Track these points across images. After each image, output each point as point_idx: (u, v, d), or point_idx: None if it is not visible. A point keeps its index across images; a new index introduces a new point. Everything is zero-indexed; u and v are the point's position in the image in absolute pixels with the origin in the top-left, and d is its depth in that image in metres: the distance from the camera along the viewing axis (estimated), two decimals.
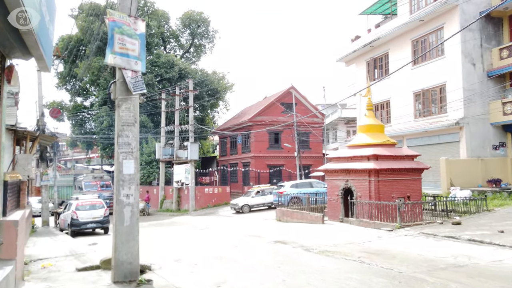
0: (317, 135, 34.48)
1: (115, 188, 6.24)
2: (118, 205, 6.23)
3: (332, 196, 16.68)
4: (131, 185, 6.30)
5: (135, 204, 6.32)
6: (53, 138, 19.51)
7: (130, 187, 6.28)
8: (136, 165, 6.35)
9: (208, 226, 17.83)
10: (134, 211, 6.33)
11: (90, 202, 17.27)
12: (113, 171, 39.79)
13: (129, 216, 6.26)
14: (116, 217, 6.23)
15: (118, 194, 6.24)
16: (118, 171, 6.26)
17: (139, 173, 6.42)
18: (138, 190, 6.40)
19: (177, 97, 31.17)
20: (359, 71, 29.29)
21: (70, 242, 13.08)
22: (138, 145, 6.40)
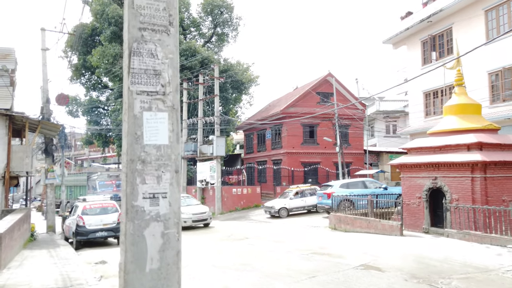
0: (358, 129, 30.46)
1: (125, 180, 2.55)
2: (132, 220, 2.56)
3: (410, 199, 12.76)
4: (162, 171, 2.63)
5: (172, 218, 2.64)
6: (57, 126, 16.20)
7: (160, 176, 2.62)
8: (174, 126, 2.67)
9: (247, 236, 14.15)
10: (170, 234, 2.65)
11: (100, 205, 13.81)
12: None
13: (158, 245, 2.60)
14: (126, 248, 2.55)
15: (133, 193, 2.58)
16: (132, 138, 2.58)
17: (180, 146, 2.70)
18: (178, 184, 2.71)
19: (200, 85, 27.69)
20: (412, 52, 25.17)
21: (70, 260, 9.57)
22: (177, 83, 2.72)
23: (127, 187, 2.53)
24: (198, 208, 18.39)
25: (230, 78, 35.21)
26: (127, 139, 2.56)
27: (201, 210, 18.29)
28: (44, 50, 18.33)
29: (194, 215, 17.62)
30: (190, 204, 18.69)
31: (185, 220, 16.86)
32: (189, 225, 17.18)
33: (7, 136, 14.30)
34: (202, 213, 18.00)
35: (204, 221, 18.00)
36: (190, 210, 17.72)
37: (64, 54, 39.26)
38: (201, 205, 20.12)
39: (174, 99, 2.72)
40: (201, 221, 17.86)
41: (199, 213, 17.84)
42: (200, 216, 17.81)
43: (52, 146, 18.34)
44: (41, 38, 18.19)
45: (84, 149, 61.44)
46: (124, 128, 2.63)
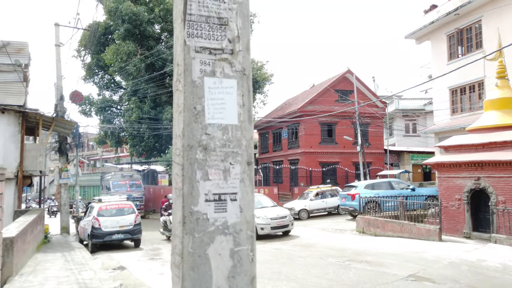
0: (378, 127, 29.40)
1: (180, 175, 1.74)
2: (191, 233, 1.75)
3: (449, 201, 11.79)
4: (230, 163, 1.82)
5: (244, 229, 1.82)
6: (72, 123, 15.61)
7: (227, 169, 1.81)
8: (245, 100, 1.86)
9: (269, 239, 13.32)
10: (243, 252, 1.84)
11: (117, 206, 13.13)
12: (144, 170, 36.33)
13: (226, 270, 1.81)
14: (183, 275, 1.74)
15: (192, 193, 1.79)
16: (189, 115, 1.82)
17: (252, 125, 1.90)
18: (252, 181, 1.89)
19: None
20: (437, 47, 24.11)
21: (86, 265, 8.88)
22: (248, 39, 1.90)
23: (184, 185, 1.74)
24: (276, 211, 14.21)
25: None
26: (183, 116, 1.78)
27: (280, 213, 14.18)
28: (58, 46, 17.80)
29: (273, 220, 13.58)
30: (265, 205, 14.67)
31: (262, 226, 13.30)
32: (266, 233, 13.45)
33: (20, 134, 13.74)
34: (283, 217, 13.91)
35: (284, 228, 13.93)
36: (266, 213, 13.80)
37: (78, 53, 39.04)
38: (279, 207, 16.07)
39: (245, 61, 1.93)
40: (281, 228, 13.82)
41: (279, 218, 13.77)
42: (281, 222, 13.72)
43: (66, 145, 17.80)
44: (55, 34, 17.66)
45: (97, 149, 61.42)
46: (177, 101, 1.85)
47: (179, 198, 1.77)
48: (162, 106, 33.50)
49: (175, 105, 1.88)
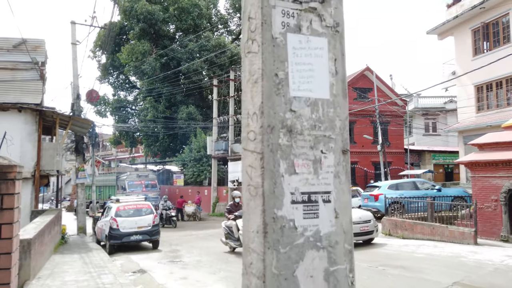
0: (398, 126, 28.58)
1: (259, 167, 1.22)
2: (275, 247, 1.25)
3: (484, 202, 11.09)
4: (321, 150, 1.29)
5: (340, 241, 1.31)
6: (89, 122, 15.37)
7: (318, 159, 1.29)
8: (339, 66, 1.33)
9: None
10: (339, 273, 1.32)
11: (135, 206, 12.78)
12: (159, 170, 36.17)
13: None
14: None
15: (274, 192, 1.29)
16: (270, 84, 1.33)
17: (347, 101, 1.37)
18: (348, 176, 1.37)
19: (231, 82, 26.58)
20: (461, 42, 23.20)
21: (105, 268, 8.51)
22: None
23: (265, 181, 1.26)
24: (358, 214, 11.32)
25: None
26: (261, 87, 1.30)
27: (363, 216, 11.42)
28: (74, 44, 17.62)
29: (356, 224, 10.48)
30: None
31: None
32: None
33: (37, 133, 13.53)
34: (366, 221, 11.28)
35: (367, 235, 11.34)
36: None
37: (93, 54, 39.17)
38: (361, 209, 13.63)
39: (338, 14, 1.45)
40: (364, 235, 11.22)
41: (362, 222, 11.10)
42: (364, 227, 11.07)
43: (82, 144, 17.59)
44: (71, 32, 17.49)
45: (112, 149, 61.75)
46: (249, 67, 1.37)
47: (256, 199, 1.29)
48: (177, 105, 33.30)
49: (246, 73, 1.40)
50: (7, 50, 13.69)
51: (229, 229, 11.00)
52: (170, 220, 20.71)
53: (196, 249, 12.18)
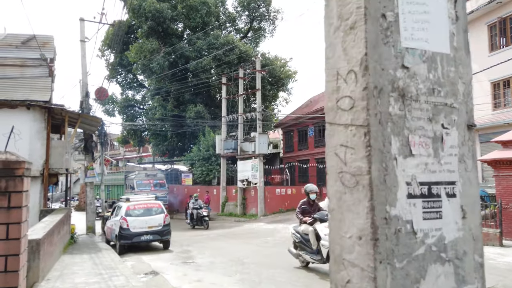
0: None
1: (362, 146, 0.80)
2: (389, 260, 0.87)
3: (508, 202, 10.60)
4: (442, 124, 0.88)
5: (469, 252, 0.88)
6: (98, 120, 15.11)
7: (438, 136, 0.88)
8: (460, 10, 0.91)
9: None
10: None
11: (145, 205, 12.48)
12: (167, 169, 35.92)
13: None
14: None
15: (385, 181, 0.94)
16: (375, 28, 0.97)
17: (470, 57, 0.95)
18: (475, 160, 0.95)
19: (240, 80, 26.21)
20: (476, 38, 22.58)
21: (116, 270, 8.19)
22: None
23: (372, 165, 0.88)
24: None
25: (269, 73, 33.62)
26: (363, 31, 0.91)
27: None
28: (83, 41, 17.39)
29: None
30: None
31: None
32: None
33: (46, 130, 13.29)
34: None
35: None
36: None
37: (101, 53, 39.08)
38: None
39: None
40: None
41: None
42: None
43: (91, 143, 17.36)
44: (80, 29, 17.26)
45: (120, 149, 61.78)
46: (344, 6, 0.98)
47: (355, 192, 0.91)
48: (185, 104, 33.03)
49: (332, 19, 1.02)
50: (16, 46, 13.48)
51: (303, 237, 8.25)
52: (201, 220, 18.79)
53: (208, 249, 11.83)
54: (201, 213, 18.75)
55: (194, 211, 19.07)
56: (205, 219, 18.63)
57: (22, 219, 4.62)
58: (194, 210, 19.08)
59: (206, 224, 18.54)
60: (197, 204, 19.41)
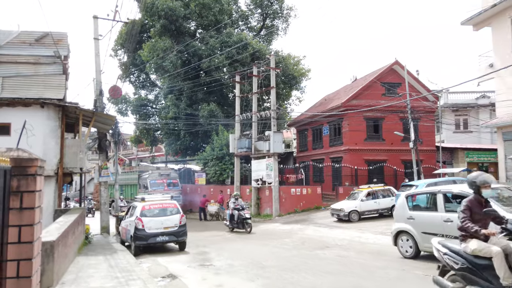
0: (431, 122, 27.24)
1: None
2: None
3: None
4: None
5: None
6: (112, 118, 14.89)
7: None
8: None
9: (327, 245, 11.93)
10: None
11: (160, 205, 12.17)
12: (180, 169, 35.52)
13: None
14: None
15: None
16: None
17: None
18: None
19: (254, 78, 25.81)
20: (499, 33, 21.80)
21: (133, 273, 7.86)
22: None
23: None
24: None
25: (282, 72, 33.15)
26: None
27: None
28: (96, 39, 17.17)
29: None
30: None
31: None
32: None
33: (60, 129, 13.09)
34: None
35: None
36: None
37: (114, 53, 39.12)
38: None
39: None
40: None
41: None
42: None
43: (105, 142, 17.13)
44: (94, 27, 17.05)
45: (133, 149, 62.05)
46: None
47: None
48: (198, 103, 32.79)
49: None
50: (29, 44, 13.31)
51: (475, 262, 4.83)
52: (243, 223, 16.53)
53: (225, 251, 11.46)
54: (243, 215, 16.44)
55: (235, 212, 16.83)
56: (248, 222, 16.39)
57: (35, 220, 4.29)
58: (235, 211, 16.84)
59: (249, 228, 16.27)
60: (239, 204, 17.19)
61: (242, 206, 17.24)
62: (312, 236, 14.58)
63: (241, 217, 16.55)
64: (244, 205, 17.57)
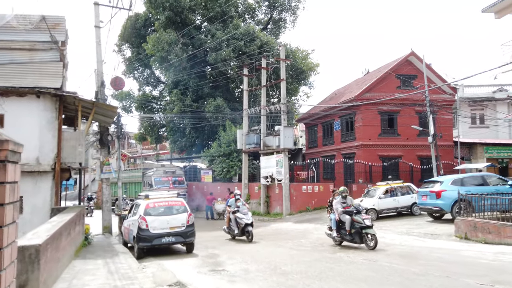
0: (446, 117, 25.94)
1: None
2: None
3: None
4: None
5: None
6: (114, 108, 13.85)
7: None
8: None
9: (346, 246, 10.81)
10: None
11: (166, 203, 11.09)
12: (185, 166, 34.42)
13: None
14: None
15: None
16: None
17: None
18: None
19: (263, 70, 24.68)
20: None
21: (135, 280, 6.79)
22: None
23: None
24: None
25: (290, 66, 31.98)
26: None
27: None
28: (97, 27, 16.15)
29: None
30: None
31: None
32: None
33: (58, 121, 12.07)
34: None
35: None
36: None
37: (118, 48, 38.16)
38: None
39: None
40: None
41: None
42: None
43: (107, 136, 16.13)
44: (94, 13, 16.02)
45: (137, 146, 61.24)
46: None
47: None
48: (204, 98, 31.72)
49: None
50: (24, 29, 12.28)
51: None
52: (244, 230, 12.80)
53: (238, 253, 10.37)
54: (242, 222, 12.68)
55: (232, 216, 13.28)
56: (248, 230, 12.63)
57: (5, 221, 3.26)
58: (233, 215, 13.22)
59: (250, 236, 12.59)
60: (239, 205, 13.41)
61: (242, 208, 13.13)
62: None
63: (240, 224, 12.81)
64: (245, 209, 13.08)
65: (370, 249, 10.05)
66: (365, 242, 10.27)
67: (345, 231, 10.69)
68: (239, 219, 12.80)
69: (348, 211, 10.73)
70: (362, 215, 10.57)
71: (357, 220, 10.43)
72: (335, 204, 11.29)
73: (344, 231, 10.74)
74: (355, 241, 10.53)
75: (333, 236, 11.26)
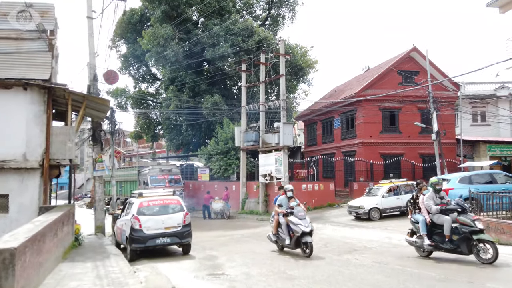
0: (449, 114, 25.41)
1: None
2: None
3: None
4: None
5: None
6: (106, 102, 13.12)
7: None
8: None
9: (355, 247, 10.21)
10: None
11: (161, 202, 10.42)
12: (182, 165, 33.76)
13: None
14: None
15: None
16: None
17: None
18: None
19: (262, 66, 24.06)
20: None
21: (124, 286, 6.14)
22: None
23: None
24: None
25: (288, 62, 31.34)
26: None
27: None
28: (90, 18, 15.43)
29: None
30: None
31: None
32: None
33: (46, 114, 11.38)
34: None
35: None
36: None
37: (113, 44, 37.35)
38: None
39: None
40: None
41: None
42: None
43: (100, 132, 15.43)
44: (87, 3, 15.32)
45: (133, 145, 60.45)
46: None
47: None
48: (201, 95, 30.99)
49: None
50: (11, 16, 11.57)
51: None
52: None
53: (237, 255, 9.74)
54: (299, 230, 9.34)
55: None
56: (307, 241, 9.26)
57: None
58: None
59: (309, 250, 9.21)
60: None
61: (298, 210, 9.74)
62: (333, 236, 12.86)
63: (295, 232, 9.36)
64: (302, 211, 9.79)
65: (486, 263, 7.40)
66: (476, 253, 7.65)
67: (441, 237, 8.15)
68: (294, 225, 9.31)
69: (447, 209, 8.12)
70: (469, 214, 8.07)
71: (464, 222, 7.79)
72: (426, 201, 8.53)
73: (439, 237, 8.21)
74: (460, 250, 7.89)
75: (424, 244, 8.46)
